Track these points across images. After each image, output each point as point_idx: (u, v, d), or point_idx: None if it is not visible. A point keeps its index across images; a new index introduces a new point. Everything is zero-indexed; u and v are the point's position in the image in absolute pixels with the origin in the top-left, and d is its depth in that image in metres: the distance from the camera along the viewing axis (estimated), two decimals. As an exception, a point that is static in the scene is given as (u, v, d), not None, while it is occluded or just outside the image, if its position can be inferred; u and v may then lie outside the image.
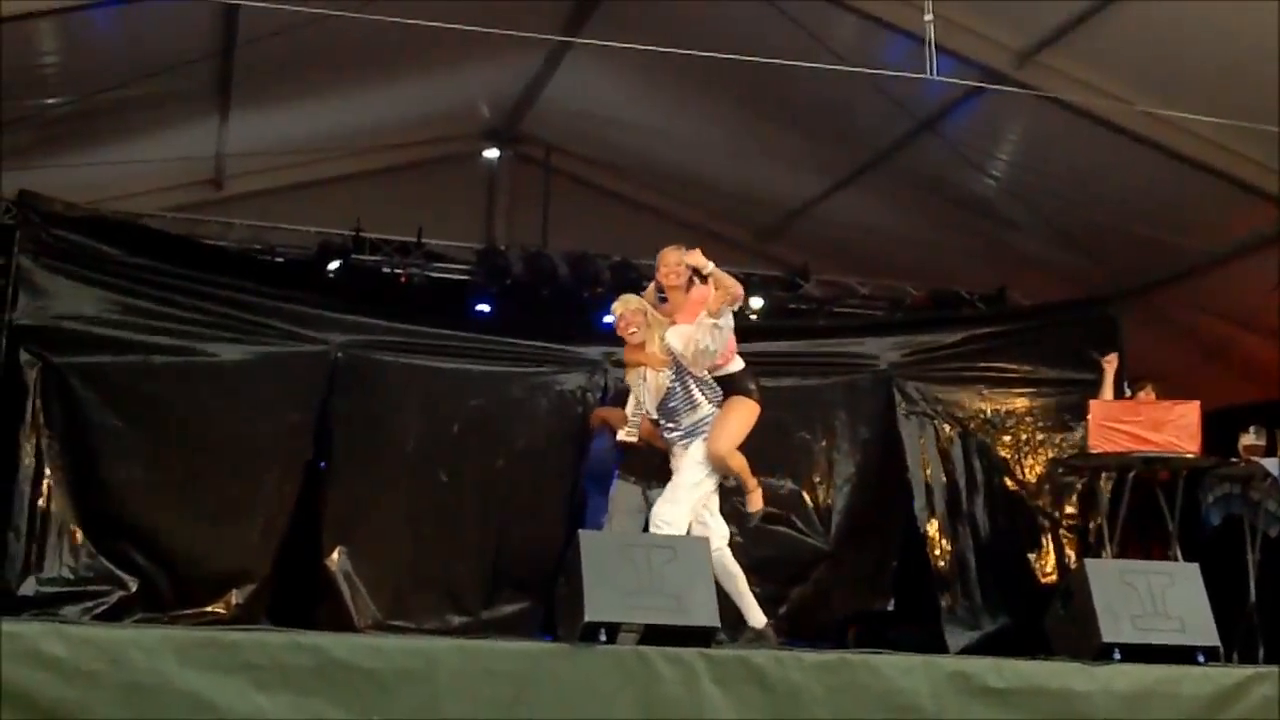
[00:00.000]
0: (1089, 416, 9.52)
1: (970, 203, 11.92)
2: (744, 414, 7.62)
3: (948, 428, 10.98)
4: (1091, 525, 10.70)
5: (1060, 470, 10.85)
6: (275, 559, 9.74)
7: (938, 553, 10.77)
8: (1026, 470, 11.02)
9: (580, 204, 13.69)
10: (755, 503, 7.82)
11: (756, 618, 7.68)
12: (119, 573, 9.53)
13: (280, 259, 11.51)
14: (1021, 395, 11.13)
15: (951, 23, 9.40)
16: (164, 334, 9.99)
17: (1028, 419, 11.06)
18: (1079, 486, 10.87)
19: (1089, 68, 9.89)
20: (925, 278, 12.67)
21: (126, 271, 10.03)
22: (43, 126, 10.66)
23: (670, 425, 7.60)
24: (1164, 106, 9.68)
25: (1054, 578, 10.68)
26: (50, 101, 10.34)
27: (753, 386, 7.74)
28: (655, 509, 7.51)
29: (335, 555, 9.95)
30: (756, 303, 12.02)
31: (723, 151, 12.56)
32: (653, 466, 9.02)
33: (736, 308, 7.70)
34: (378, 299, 11.09)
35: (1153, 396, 9.82)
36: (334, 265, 11.43)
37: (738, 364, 7.73)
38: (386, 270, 11.83)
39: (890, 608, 10.96)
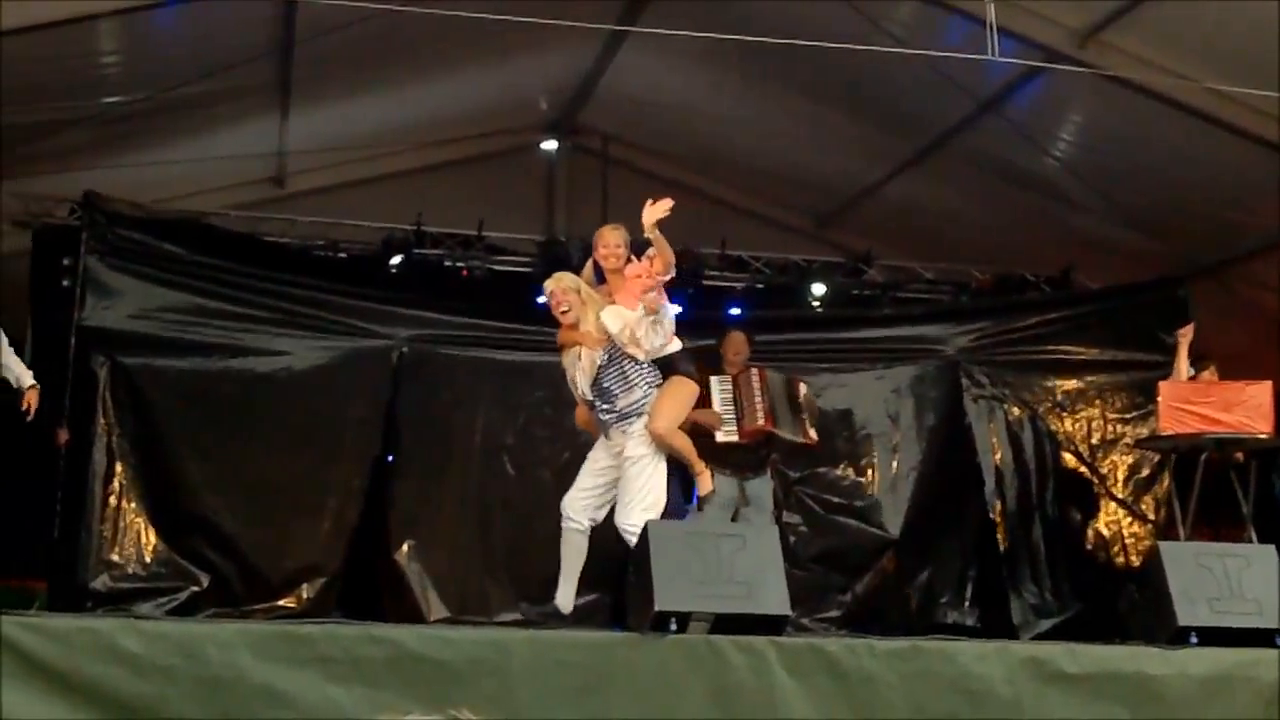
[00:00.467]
0: (1159, 398, 9.40)
1: (1034, 184, 11.81)
2: (684, 394, 7.45)
3: (1017, 411, 10.90)
4: (1163, 508, 10.58)
5: (1131, 453, 10.73)
6: (345, 553, 9.79)
7: (1008, 539, 10.69)
8: (1097, 454, 10.91)
9: (639, 193, 13.50)
10: (705, 485, 7.54)
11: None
12: (191, 568, 9.63)
13: (343, 255, 11.56)
14: (1091, 378, 11.03)
15: (1011, 3, 9.32)
16: (230, 332, 10.07)
17: (1097, 402, 10.96)
18: (1150, 469, 10.75)
19: (1152, 46, 9.78)
20: (990, 261, 12.57)
21: (192, 270, 10.12)
22: (105, 126, 10.76)
23: (606, 407, 7.30)
24: (1228, 83, 9.55)
25: (1126, 562, 10.58)
26: (112, 100, 10.43)
27: (691, 368, 7.61)
28: (620, 519, 7.21)
29: (404, 549, 9.98)
30: (819, 289, 11.96)
31: (782, 137, 12.51)
32: (747, 458, 9.02)
33: (671, 275, 7.48)
34: (441, 293, 11.11)
35: (1215, 376, 9.68)
36: (396, 260, 11.45)
37: (675, 345, 7.56)
38: (448, 264, 11.84)
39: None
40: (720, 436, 8.90)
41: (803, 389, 9.14)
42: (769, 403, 8.93)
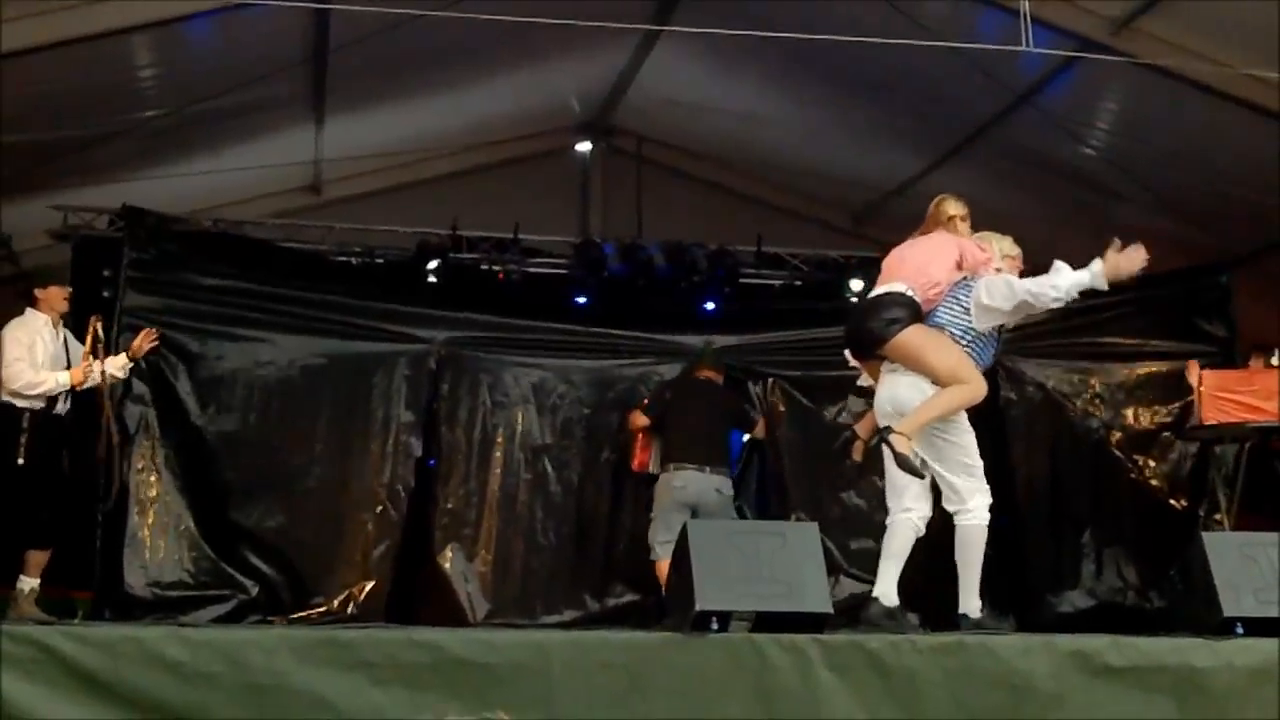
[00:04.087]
0: (1201, 388, 9.34)
1: (1071, 175, 11.75)
2: None
3: (1053, 403, 10.81)
4: (1205, 499, 10.48)
5: (1172, 443, 10.64)
6: (392, 558, 9.83)
7: (1041, 531, 10.61)
8: (1136, 444, 10.80)
9: (674, 193, 13.69)
10: None
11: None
12: (238, 576, 9.69)
13: (380, 260, 11.61)
14: (1130, 368, 10.93)
15: (1045, -7, 9.27)
16: (270, 340, 10.14)
17: (1137, 392, 10.85)
18: (1191, 459, 10.65)
19: (1187, 32, 9.70)
20: (1028, 252, 12.44)
21: (230, 281, 10.18)
22: (142, 138, 10.83)
23: None
24: (1266, 68, 9.46)
25: (1167, 553, 10.48)
26: (150, 114, 10.51)
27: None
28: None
29: (447, 551, 10.03)
30: (857, 285, 11.92)
31: (817, 134, 12.48)
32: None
33: None
34: (477, 296, 11.15)
35: (1259, 364, 9.61)
36: (433, 265, 11.50)
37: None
38: (484, 268, 11.88)
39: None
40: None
41: None
42: None
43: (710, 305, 11.84)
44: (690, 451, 9.66)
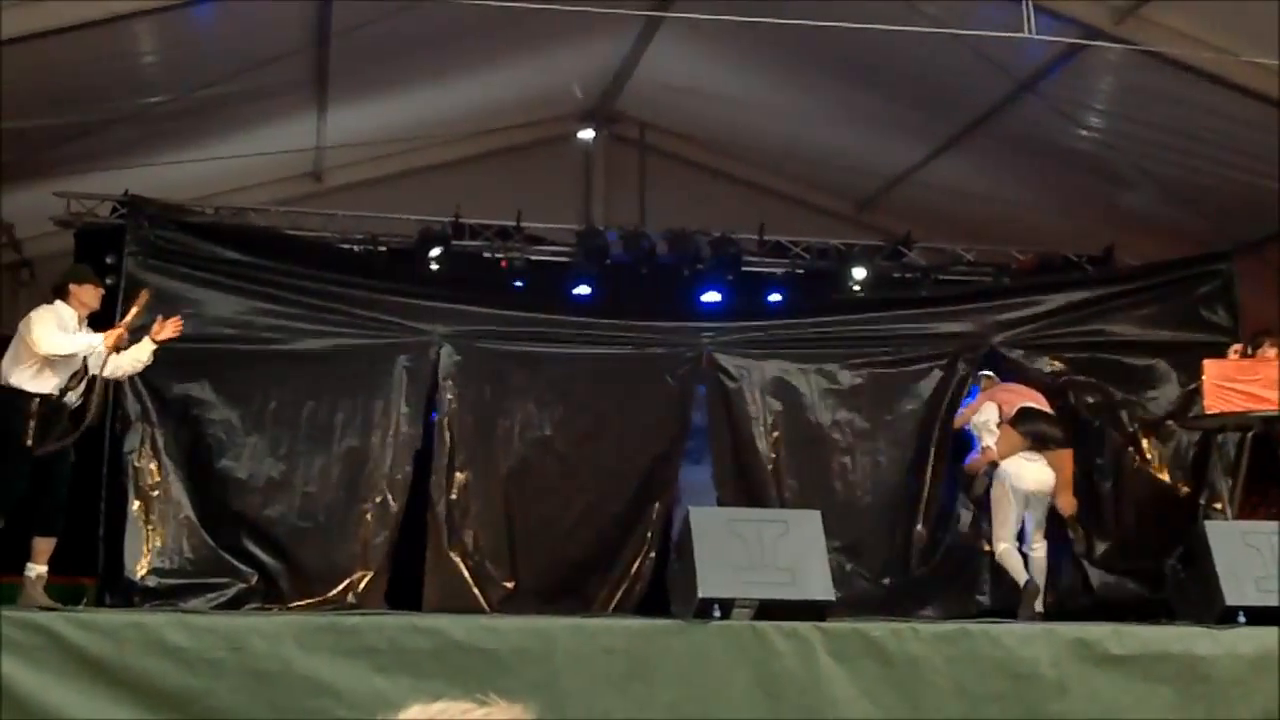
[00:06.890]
0: (1204, 377, 9.32)
1: (1074, 163, 11.73)
2: None
3: (1058, 393, 10.77)
4: (1208, 488, 10.46)
5: (1175, 432, 10.62)
6: (391, 547, 9.82)
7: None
8: (1142, 434, 10.78)
9: (677, 181, 13.65)
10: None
11: None
12: (238, 565, 9.67)
13: (382, 248, 11.58)
14: (1135, 358, 10.91)
15: (1048, -19, 9.25)
16: (272, 329, 10.13)
17: (1141, 381, 10.84)
18: (1196, 447, 10.63)
19: (1189, 19, 9.68)
20: (1030, 241, 12.48)
21: (231, 269, 10.18)
22: (145, 124, 10.82)
23: None
24: (1268, 56, 9.44)
25: (1172, 541, 10.48)
26: (152, 100, 10.49)
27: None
28: None
29: (449, 540, 9.99)
30: (859, 273, 11.90)
31: (819, 121, 12.46)
32: None
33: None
34: (479, 285, 11.13)
35: (1273, 352, 9.59)
36: (435, 253, 11.46)
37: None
38: (487, 255, 11.86)
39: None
40: None
41: None
42: None
43: (713, 293, 11.82)
44: None
